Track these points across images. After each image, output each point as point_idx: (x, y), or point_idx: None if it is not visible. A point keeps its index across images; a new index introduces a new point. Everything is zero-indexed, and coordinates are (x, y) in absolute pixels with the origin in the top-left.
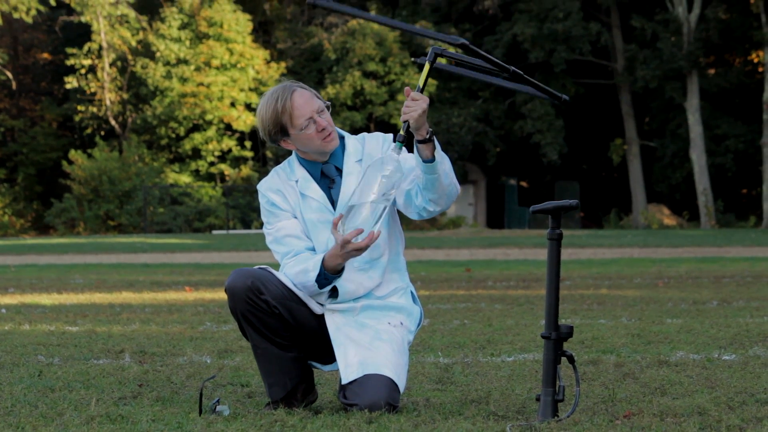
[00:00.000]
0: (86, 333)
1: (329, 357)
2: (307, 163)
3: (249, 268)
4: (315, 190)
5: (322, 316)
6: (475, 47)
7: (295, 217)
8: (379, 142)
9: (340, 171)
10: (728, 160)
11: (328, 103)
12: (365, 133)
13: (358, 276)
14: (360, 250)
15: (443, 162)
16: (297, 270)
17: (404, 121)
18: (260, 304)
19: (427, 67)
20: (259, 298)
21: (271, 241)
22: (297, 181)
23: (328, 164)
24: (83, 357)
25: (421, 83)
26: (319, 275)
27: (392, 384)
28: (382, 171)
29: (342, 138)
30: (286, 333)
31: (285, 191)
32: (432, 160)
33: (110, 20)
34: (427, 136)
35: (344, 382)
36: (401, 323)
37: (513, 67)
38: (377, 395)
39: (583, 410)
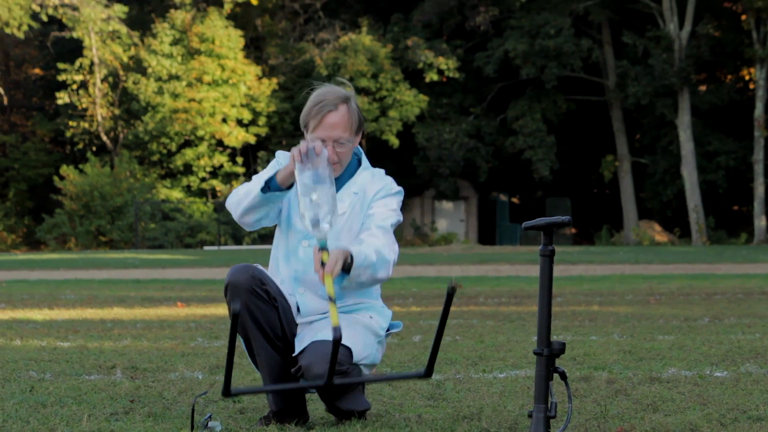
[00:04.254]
0: (78, 348)
1: None
2: None
3: (245, 264)
4: None
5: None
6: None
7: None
8: (376, 185)
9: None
10: (719, 176)
11: (353, 139)
12: (378, 170)
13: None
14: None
15: (357, 277)
16: (254, 178)
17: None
18: (262, 294)
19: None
20: (261, 288)
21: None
22: None
23: None
24: (75, 372)
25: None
26: (270, 179)
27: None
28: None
29: (358, 165)
30: (281, 334)
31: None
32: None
33: (102, 36)
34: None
35: (296, 352)
36: (370, 317)
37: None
38: (322, 351)
39: (575, 427)
